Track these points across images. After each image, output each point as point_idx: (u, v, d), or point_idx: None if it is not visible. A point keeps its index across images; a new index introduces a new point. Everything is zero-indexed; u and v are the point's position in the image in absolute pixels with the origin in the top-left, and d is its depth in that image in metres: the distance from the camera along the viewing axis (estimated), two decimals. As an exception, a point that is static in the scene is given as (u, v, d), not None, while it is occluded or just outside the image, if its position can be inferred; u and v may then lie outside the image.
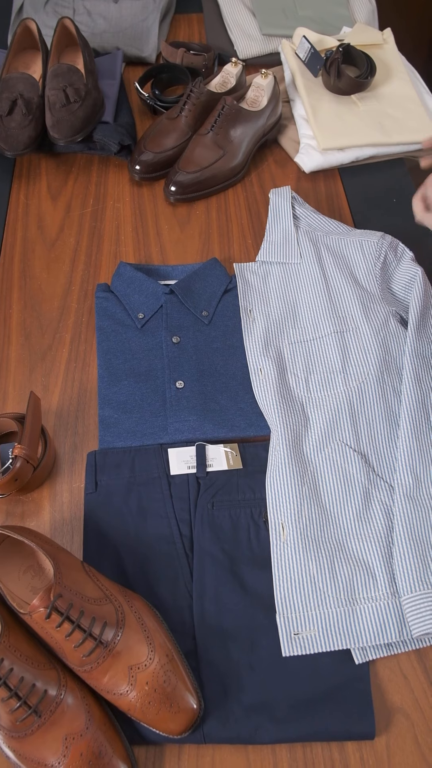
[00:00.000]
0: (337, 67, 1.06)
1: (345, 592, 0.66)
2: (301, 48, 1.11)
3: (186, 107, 1.03)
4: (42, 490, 0.76)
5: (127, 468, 0.73)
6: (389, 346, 0.81)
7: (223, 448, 0.75)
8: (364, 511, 0.71)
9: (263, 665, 0.63)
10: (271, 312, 0.86)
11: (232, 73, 1.09)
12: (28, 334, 0.88)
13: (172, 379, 0.80)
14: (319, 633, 0.64)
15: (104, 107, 1.07)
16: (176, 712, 0.58)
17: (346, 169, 1.06)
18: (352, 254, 0.90)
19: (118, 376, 0.81)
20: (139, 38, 1.21)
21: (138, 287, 0.87)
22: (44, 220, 1.00)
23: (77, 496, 0.75)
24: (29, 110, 1.00)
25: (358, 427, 0.76)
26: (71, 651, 0.58)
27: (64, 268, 0.94)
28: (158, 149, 1.02)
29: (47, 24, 1.21)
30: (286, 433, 0.75)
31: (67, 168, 1.07)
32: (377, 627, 0.64)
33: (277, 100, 1.05)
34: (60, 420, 0.81)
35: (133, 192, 1.03)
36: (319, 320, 0.85)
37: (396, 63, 1.13)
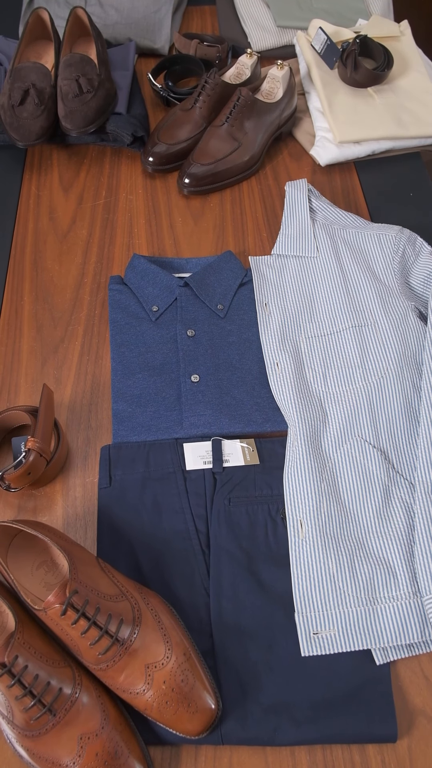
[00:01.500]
0: (354, 59, 1.04)
1: (365, 591, 0.64)
2: (317, 40, 1.09)
3: (200, 98, 1.02)
4: (54, 484, 0.75)
5: (141, 463, 0.72)
6: (408, 341, 0.79)
7: (240, 444, 0.73)
8: (384, 508, 0.69)
9: (282, 665, 0.62)
10: (287, 306, 0.85)
11: (246, 65, 1.08)
12: (40, 327, 0.86)
13: (187, 372, 0.79)
14: (339, 633, 0.63)
15: (117, 98, 1.05)
16: (194, 713, 0.56)
17: (362, 162, 1.05)
18: (369, 248, 0.88)
19: (132, 370, 0.80)
20: (151, 30, 1.20)
21: (152, 280, 0.85)
22: (56, 212, 0.98)
23: (90, 491, 0.74)
24: (41, 100, 0.98)
25: (378, 423, 0.74)
26: (87, 648, 0.57)
27: (76, 260, 0.93)
28: (172, 141, 1.01)
29: (59, 15, 1.20)
30: (303, 428, 0.74)
31: (80, 159, 1.05)
32: (398, 627, 0.62)
33: (292, 92, 1.04)
34: (73, 414, 0.79)
35: (146, 184, 1.02)
36: (337, 314, 0.83)
37: (413, 55, 1.11)
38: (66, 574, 0.64)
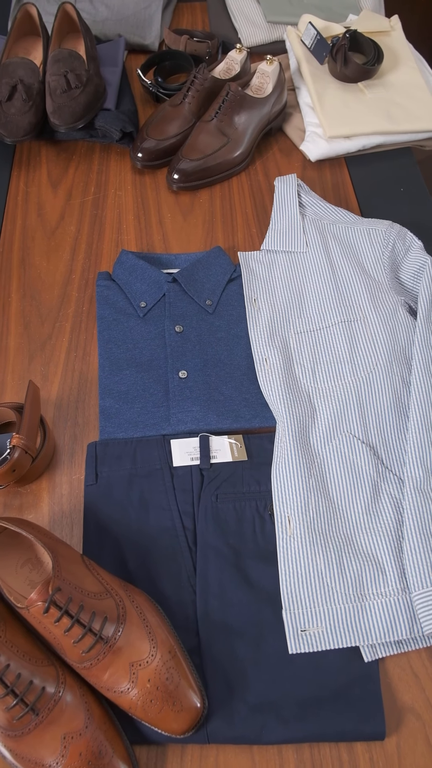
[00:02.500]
0: (344, 53, 1.04)
1: (354, 588, 0.64)
2: (306, 35, 1.08)
3: (189, 94, 1.01)
4: (41, 481, 0.74)
5: (128, 459, 0.71)
6: (398, 336, 0.79)
7: (228, 440, 0.73)
8: (373, 504, 0.68)
9: (269, 663, 0.61)
10: (276, 301, 0.84)
11: (236, 60, 1.07)
12: (27, 323, 0.86)
13: (175, 368, 0.78)
14: (327, 630, 0.62)
15: (106, 94, 1.04)
16: (179, 711, 0.55)
17: (352, 157, 1.04)
18: (359, 243, 0.88)
19: (119, 366, 0.79)
20: (141, 26, 1.19)
21: (140, 275, 0.85)
22: (44, 208, 0.98)
23: (77, 488, 0.73)
24: (29, 96, 0.98)
25: (367, 419, 0.74)
26: (70, 647, 0.56)
27: (64, 257, 0.92)
28: (161, 136, 1.00)
29: (48, 11, 1.19)
30: (292, 424, 0.73)
31: (68, 155, 1.04)
32: (387, 624, 0.62)
33: (282, 87, 1.03)
34: (59, 410, 0.79)
35: (135, 180, 1.01)
36: (326, 310, 0.82)
37: (403, 50, 1.11)
38: (50, 571, 0.63)
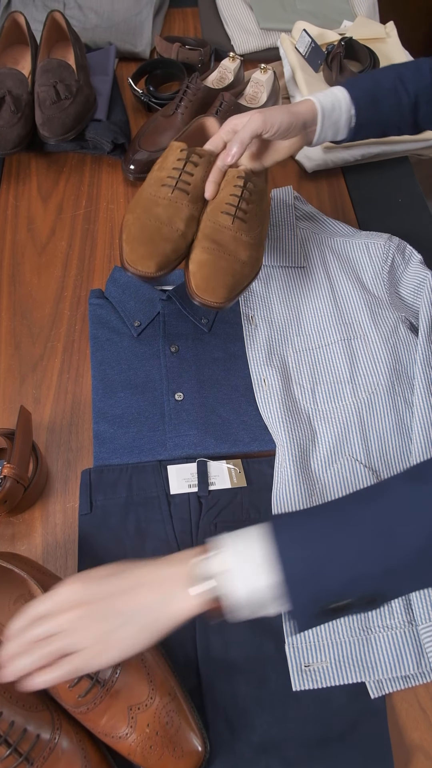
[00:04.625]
0: (339, 61, 1.02)
1: (358, 621, 0.62)
2: (301, 42, 1.06)
3: (182, 104, 0.99)
4: (33, 510, 0.71)
5: (124, 487, 0.69)
6: (399, 355, 0.77)
7: (226, 465, 0.71)
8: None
9: (273, 701, 0.59)
10: (273, 318, 0.82)
11: (229, 69, 1.05)
12: (18, 344, 0.83)
13: (171, 390, 0.76)
14: (332, 665, 0.60)
15: (96, 104, 1.02)
16: (180, 757, 0.53)
17: (349, 167, 1.02)
18: (358, 257, 0.86)
19: (113, 388, 0.77)
20: (132, 33, 1.17)
21: (134, 293, 0.82)
22: (34, 223, 0.95)
23: (71, 517, 0.71)
24: (18, 107, 0.95)
25: (369, 441, 0.72)
26: (66, 691, 0.54)
27: (55, 273, 0.90)
28: (153, 148, 0.98)
29: (36, 18, 1.17)
30: (292, 447, 0.71)
31: (59, 168, 1.02)
32: (393, 658, 0.60)
33: (277, 96, 1.01)
34: (52, 435, 0.76)
35: (128, 193, 0.99)
36: (325, 327, 0.80)
37: (400, 57, 1.09)
38: None
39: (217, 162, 0.72)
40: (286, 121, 0.68)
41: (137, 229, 0.68)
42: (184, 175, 0.70)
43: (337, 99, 0.71)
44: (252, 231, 0.71)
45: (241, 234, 0.70)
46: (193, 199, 0.71)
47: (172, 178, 0.70)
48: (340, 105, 0.71)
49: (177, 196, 0.70)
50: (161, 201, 0.70)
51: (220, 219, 0.70)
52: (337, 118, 0.71)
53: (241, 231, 0.70)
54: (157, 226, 0.68)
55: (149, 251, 0.67)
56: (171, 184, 0.70)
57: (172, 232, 0.68)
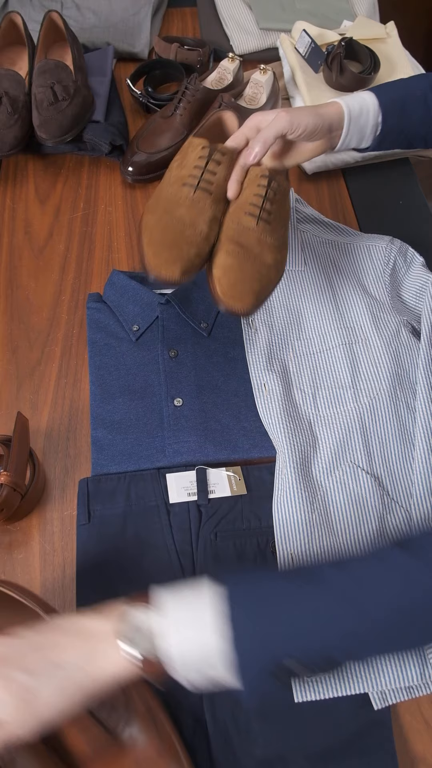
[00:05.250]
0: (340, 62, 1.01)
1: (361, 630, 0.61)
2: (300, 42, 1.05)
3: (181, 105, 0.98)
4: (30, 518, 0.70)
5: (122, 496, 0.68)
6: (402, 359, 0.76)
7: (226, 472, 0.70)
8: (379, 539, 0.65)
9: (275, 713, 0.58)
10: (274, 322, 0.81)
11: (228, 69, 1.04)
12: (15, 348, 0.82)
13: (170, 396, 0.75)
14: (334, 675, 0.59)
15: (94, 105, 1.01)
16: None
17: (350, 169, 1.01)
18: (359, 260, 0.85)
19: (111, 394, 0.76)
20: (130, 33, 1.15)
21: (132, 297, 0.81)
22: (32, 226, 0.94)
23: (69, 525, 0.70)
24: (15, 109, 0.94)
25: (371, 447, 0.71)
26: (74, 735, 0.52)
27: (53, 277, 0.89)
28: (152, 149, 0.97)
29: (34, 18, 1.15)
30: (293, 454, 0.70)
31: (56, 170, 1.01)
32: (396, 668, 0.59)
33: (276, 97, 1.00)
34: (50, 441, 0.75)
35: (126, 195, 0.98)
36: (326, 331, 0.79)
37: (400, 58, 1.08)
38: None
39: (239, 160, 0.68)
40: (312, 123, 0.65)
41: (159, 232, 0.64)
42: (207, 174, 0.66)
43: (365, 104, 0.68)
44: (276, 233, 0.68)
45: (265, 236, 0.66)
46: (216, 200, 0.67)
47: (193, 177, 0.66)
48: (368, 110, 0.68)
49: (199, 196, 0.66)
50: (183, 201, 0.66)
51: (243, 220, 0.66)
52: (364, 123, 0.69)
53: (265, 233, 0.66)
54: (180, 229, 0.64)
55: (173, 255, 0.63)
56: (193, 183, 0.66)
57: (195, 235, 0.64)
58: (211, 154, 0.67)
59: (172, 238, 0.64)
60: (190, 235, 0.64)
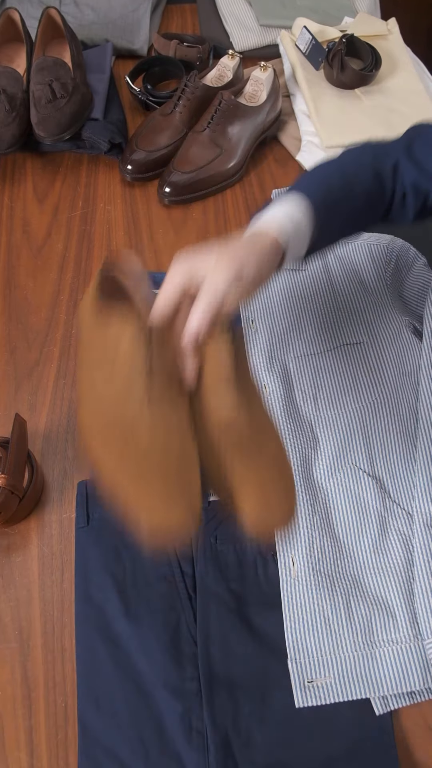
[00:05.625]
0: (341, 59, 1.00)
1: (362, 635, 0.60)
2: (301, 39, 1.04)
3: (180, 102, 0.97)
4: (29, 521, 0.70)
5: (121, 498, 0.67)
6: (404, 360, 0.75)
7: (226, 475, 0.68)
8: (380, 542, 0.65)
9: (276, 718, 0.57)
10: (274, 323, 0.80)
11: (228, 66, 1.03)
12: (13, 349, 0.81)
13: (170, 397, 0.74)
14: (336, 680, 0.58)
15: (93, 103, 1.00)
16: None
17: (350, 167, 1.00)
18: (360, 260, 0.84)
19: (110, 395, 0.74)
20: (129, 30, 1.14)
21: (131, 297, 0.80)
22: (30, 224, 0.93)
23: (68, 528, 0.69)
24: (13, 106, 0.93)
25: (372, 449, 0.70)
26: None
27: (51, 276, 0.88)
28: (151, 147, 0.96)
29: (31, 14, 1.14)
30: (293, 455, 0.69)
31: (54, 168, 1.00)
32: (399, 673, 0.58)
33: (277, 95, 0.99)
34: (48, 443, 0.74)
35: (125, 193, 0.97)
36: (327, 332, 0.79)
37: (401, 55, 1.07)
38: None
39: (183, 338, 0.49)
40: (255, 273, 0.50)
41: (134, 479, 0.44)
42: (156, 371, 0.47)
43: (296, 222, 0.55)
44: (258, 397, 0.51)
45: (255, 410, 0.49)
46: (175, 397, 0.48)
47: (138, 384, 0.46)
48: (300, 224, 0.56)
49: (158, 403, 0.46)
50: (139, 419, 0.45)
51: (221, 406, 0.48)
52: (303, 239, 0.57)
53: (252, 405, 0.49)
54: (157, 462, 0.44)
55: (172, 507, 0.43)
56: (141, 388, 0.46)
57: (182, 458, 0.46)
58: (149, 342, 0.47)
59: (162, 480, 0.44)
60: (173, 464, 0.45)
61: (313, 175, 0.63)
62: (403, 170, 0.63)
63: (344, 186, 0.61)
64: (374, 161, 0.63)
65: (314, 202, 0.57)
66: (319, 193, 0.59)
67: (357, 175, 0.62)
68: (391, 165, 0.63)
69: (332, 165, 0.64)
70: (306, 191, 0.58)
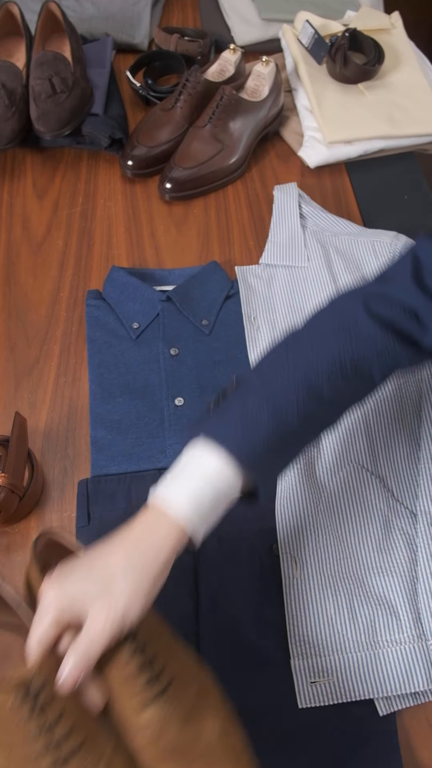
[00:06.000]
0: (343, 53, 0.99)
1: (366, 635, 0.60)
2: (303, 33, 1.03)
3: (181, 98, 0.96)
4: (29, 520, 0.69)
5: (122, 497, 0.66)
6: (407, 358, 0.74)
7: (228, 473, 0.68)
8: (384, 541, 0.64)
9: (279, 718, 0.57)
10: (276, 320, 0.80)
11: (230, 61, 1.02)
12: (12, 346, 0.81)
13: (171, 395, 0.73)
14: (339, 680, 0.58)
15: (93, 98, 0.99)
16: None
17: (353, 163, 0.99)
18: (363, 257, 0.83)
19: (111, 393, 0.74)
20: (129, 24, 1.13)
21: (132, 294, 0.80)
22: (30, 221, 0.92)
23: (68, 527, 0.68)
24: (12, 101, 0.92)
25: (375, 448, 0.69)
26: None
27: (51, 273, 0.87)
28: (152, 143, 0.95)
29: (31, 8, 1.13)
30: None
31: (54, 164, 0.99)
32: (403, 674, 0.58)
33: (279, 90, 0.98)
34: (48, 441, 0.74)
35: (126, 189, 0.96)
36: (330, 329, 0.78)
37: (405, 49, 1.06)
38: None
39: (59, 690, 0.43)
40: (146, 599, 0.44)
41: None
42: (52, 721, 0.40)
43: (215, 486, 0.47)
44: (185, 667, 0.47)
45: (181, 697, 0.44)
46: (91, 735, 0.42)
47: (34, 744, 0.40)
48: (221, 488, 0.47)
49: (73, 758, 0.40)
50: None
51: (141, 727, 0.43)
52: (229, 497, 0.49)
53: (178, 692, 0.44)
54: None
55: None
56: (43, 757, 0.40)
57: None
58: (37, 695, 0.41)
59: None
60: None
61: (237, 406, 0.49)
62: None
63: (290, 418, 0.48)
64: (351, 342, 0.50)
65: (241, 452, 0.46)
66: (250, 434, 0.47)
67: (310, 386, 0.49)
68: (407, 317, 0.51)
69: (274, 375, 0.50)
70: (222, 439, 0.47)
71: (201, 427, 0.49)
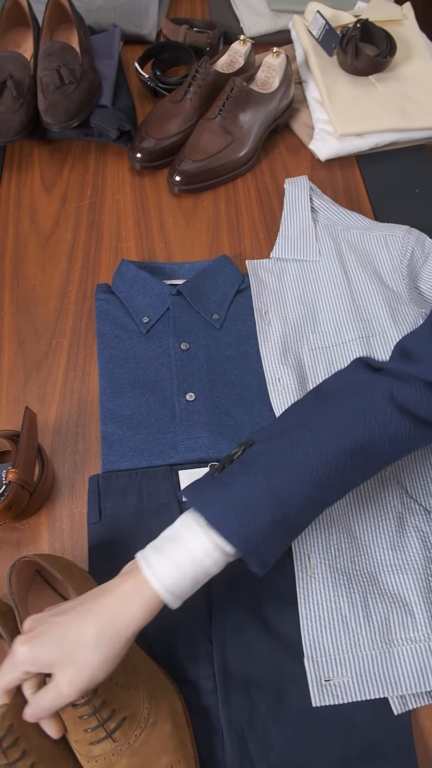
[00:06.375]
0: (355, 45, 0.97)
1: (380, 633, 0.59)
2: (314, 24, 1.02)
3: (191, 89, 0.95)
4: (39, 515, 0.68)
5: (133, 493, 0.66)
6: (420, 353, 0.73)
7: (240, 469, 0.67)
8: (398, 538, 0.64)
9: (292, 718, 0.56)
10: (288, 314, 0.79)
11: (240, 52, 1.01)
12: (21, 341, 0.80)
13: (182, 390, 0.73)
14: (353, 679, 0.57)
15: (101, 89, 0.98)
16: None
17: (364, 156, 0.98)
18: (375, 251, 0.82)
19: (121, 388, 0.73)
20: (137, 14, 1.12)
21: (142, 288, 0.79)
22: (38, 214, 0.91)
23: (78, 523, 0.68)
24: (20, 93, 0.91)
25: (389, 444, 0.69)
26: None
27: (60, 267, 0.86)
28: (161, 135, 0.94)
29: (38, -1, 1.12)
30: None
31: (62, 156, 0.98)
32: (417, 672, 0.57)
33: (289, 82, 0.97)
34: (58, 436, 0.73)
35: (134, 182, 0.95)
36: (342, 324, 0.77)
37: (417, 40, 1.05)
38: None
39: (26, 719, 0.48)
40: (113, 666, 0.47)
41: None
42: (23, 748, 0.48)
43: (203, 567, 0.49)
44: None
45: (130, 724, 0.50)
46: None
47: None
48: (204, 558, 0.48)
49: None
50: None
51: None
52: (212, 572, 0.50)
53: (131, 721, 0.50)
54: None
55: None
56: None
57: None
58: (7, 747, 0.47)
59: None
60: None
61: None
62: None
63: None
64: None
65: (238, 541, 0.47)
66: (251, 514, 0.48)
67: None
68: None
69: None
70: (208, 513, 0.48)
71: (202, 499, 0.49)
